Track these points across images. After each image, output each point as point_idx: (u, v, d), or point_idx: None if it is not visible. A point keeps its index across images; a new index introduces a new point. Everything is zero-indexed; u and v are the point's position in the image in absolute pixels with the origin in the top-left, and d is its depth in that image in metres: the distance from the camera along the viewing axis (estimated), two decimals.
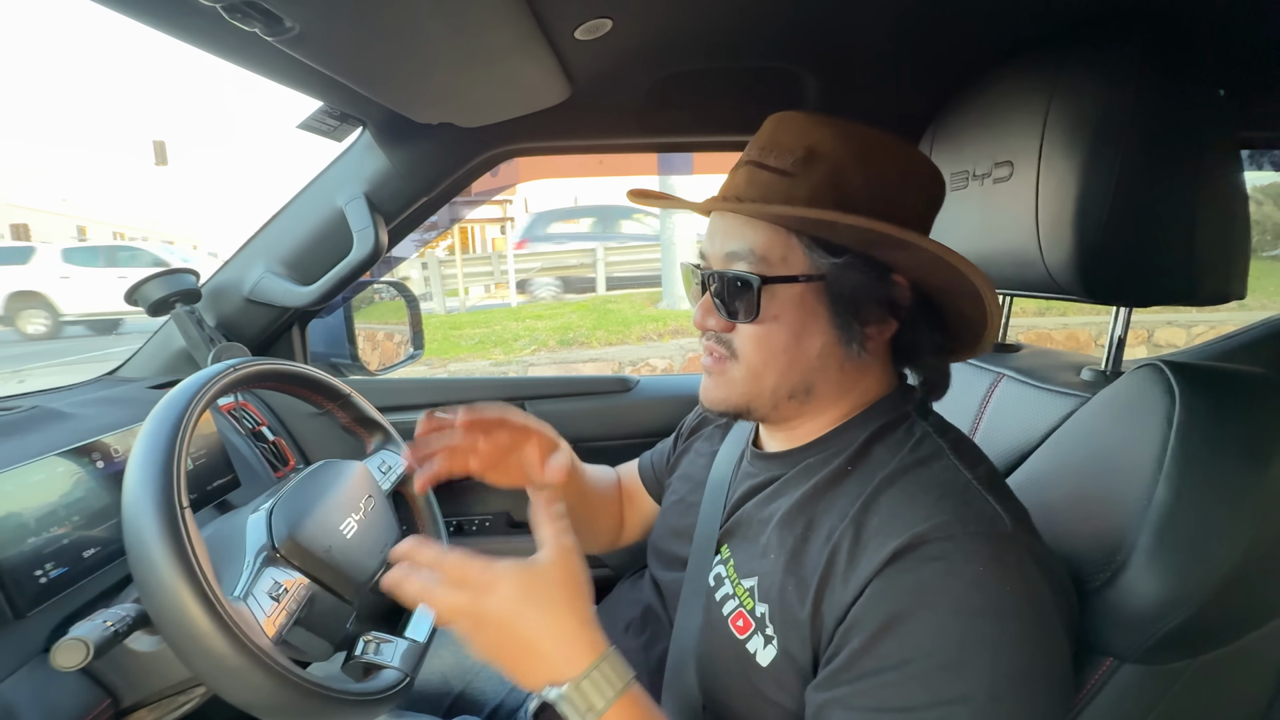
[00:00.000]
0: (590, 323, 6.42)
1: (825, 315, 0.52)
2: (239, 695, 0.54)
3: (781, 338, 0.53)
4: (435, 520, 0.94)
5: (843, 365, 0.54)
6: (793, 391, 0.55)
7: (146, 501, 0.53)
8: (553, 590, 0.48)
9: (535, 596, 0.47)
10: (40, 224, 28.90)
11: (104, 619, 0.56)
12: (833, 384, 0.55)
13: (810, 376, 0.54)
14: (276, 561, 0.64)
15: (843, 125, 0.51)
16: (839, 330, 0.52)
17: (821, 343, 0.53)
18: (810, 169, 0.50)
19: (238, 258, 1.15)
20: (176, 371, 1.14)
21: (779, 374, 0.54)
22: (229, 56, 0.70)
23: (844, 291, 0.51)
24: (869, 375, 0.57)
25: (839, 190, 0.50)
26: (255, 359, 0.73)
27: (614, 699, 0.46)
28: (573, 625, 0.48)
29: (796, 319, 0.52)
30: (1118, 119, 0.59)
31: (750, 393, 0.55)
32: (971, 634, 0.42)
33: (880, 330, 0.54)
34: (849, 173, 0.50)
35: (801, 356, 0.53)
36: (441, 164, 1.09)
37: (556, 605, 0.48)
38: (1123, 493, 0.50)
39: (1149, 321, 5.28)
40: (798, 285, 0.52)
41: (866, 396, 0.57)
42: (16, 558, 0.61)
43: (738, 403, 0.56)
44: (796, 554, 0.51)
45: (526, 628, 0.47)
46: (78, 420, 0.82)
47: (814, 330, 0.53)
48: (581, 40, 0.77)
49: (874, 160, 0.51)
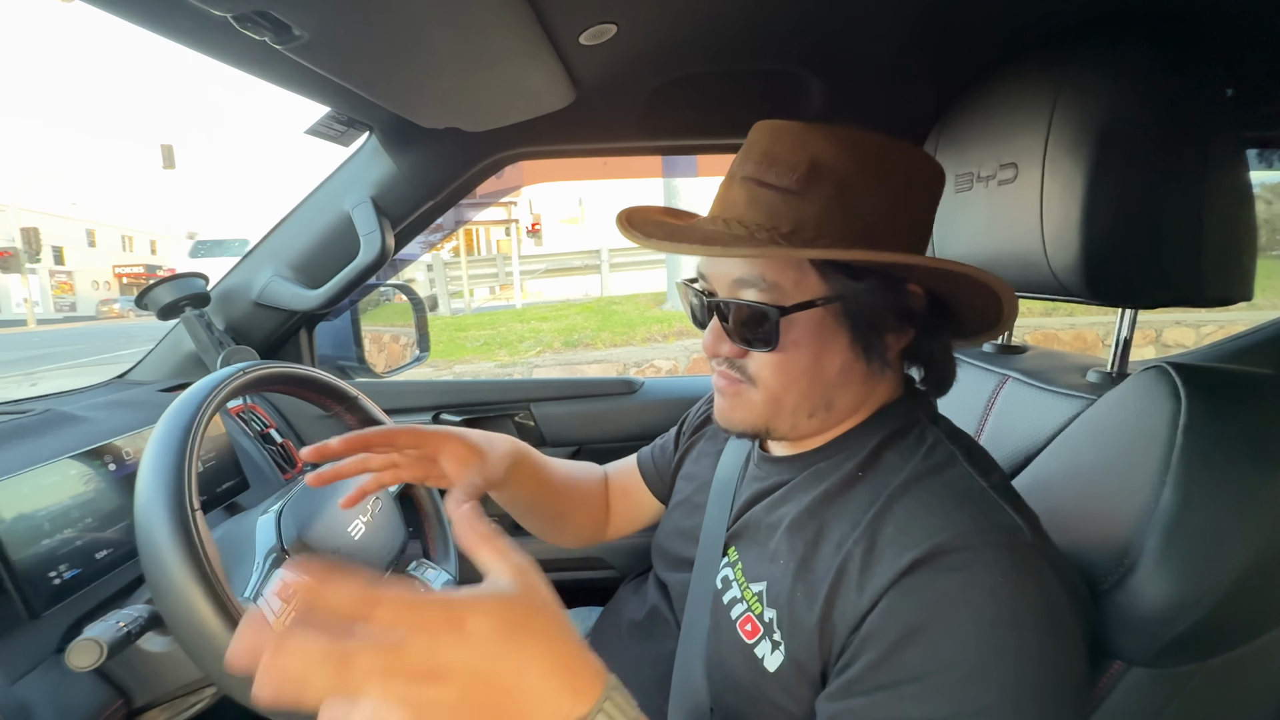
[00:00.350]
0: (595, 324, 6.44)
1: (844, 334, 0.51)
2: (248, 696, 0.54)
3: (801, 363, 0.52)
4: (441, 523, 0.94)
5: (865, 379, 0.54)
6: (813, 410, 0.54)
7: (158, 505, 0.54)
8: (535, 617, 0.34)
9: (518, 627, 0.33)
10: (50, 227, 29.15)
11: (117, 620, 0.57)
12: (853, 396, 0.55)
13: (830, 394, 0.54)
14: (286, 563, 0.64)
15: (841, 133, 0.49)
16: (859, 347, 0.51)
17: (841, 361, 0.52)
18: (815, 185, 0.48)
19: (246, 262, 1.16)
20: (186, 374, 1.16)
21: (799, 396, 0.53)
22: (239, 64, 0.71)
23: (862, 310, 0.50)
24: (885, 382, 0.57)
25: (849, 206, 0.48)
26: (264, 362, 0.73)
27: None
28: (570, 654, 0.35)
29: (816, 342, 0.51)
30: (1123, 119, 0.59)
31: (770, 415, 0.54)
32: (992, 645, 0.41)
33: (898, 339, 0.53)
34: (857, 186, 0.48)
35: (822, 377, 0.53)
36: (447, 168, 1.10)
37: (546, 633, 0.34)
38: (1130, 495, 0.50)
39: (1157, 321, 5.25)
40: (815, 310, 0.50)
41: (878, 401, 0.57)
42: (31, 559, 0.62)
43: (757, 424, 0.55)
44: (806, 560, 0.51)
45: (513, 672, 0.32)
46: (90, 423, 0.83)
47: (834, 350, 0.52)
48: (586, 45, 0.77)
49: (881, 169, 0.50)
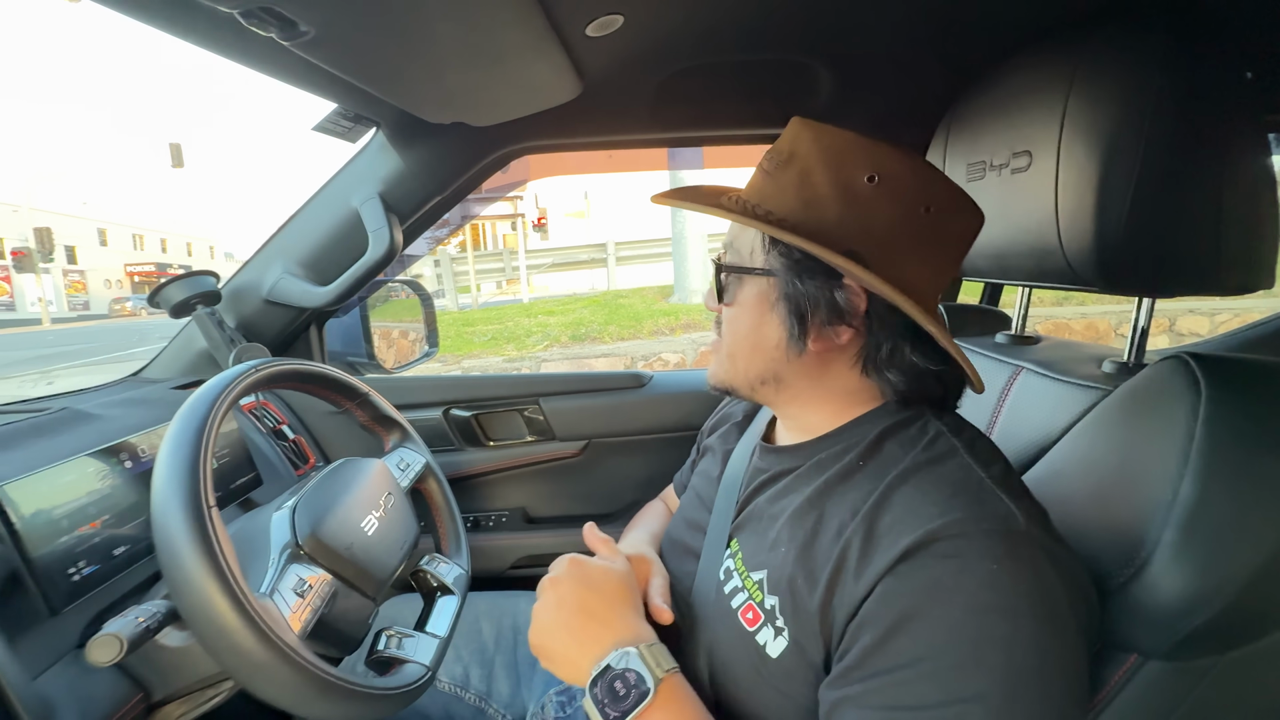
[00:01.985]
0: (602, 318, 6.43)
1: (774, 309, 0.55)
2: (266, 690, 0.55)
3: (745, 324, 0.57)
4: (453, 517, 0.95)
5: (800, 359, 0.55)
6: (762, 378, 0.58)
7: (174, 502, 0.54)
8: (611, 580, 0.59)
9: (598, 580, 0.59)
10: (62, 227, 29.45)
11: (136, 615, 0.58)
12: (800, 377, 0.57)
13: (773, 366, 0.57)
14: (300, 558, 0.65)
15: (823, 130, 0.53)
16: (787, 327, 0.54)
17: (775, 335, 0.55)
18: (785, 171, 0.53)
19: (256, 259, 1.17)
20: (199, 372, 1.17)
21: (745, 358, 0.58)
22: (245, 61, 0.71)
23: (790, 290, 0.54)
24: (838, 377, 0.56)
25: (804, 191, 0.52)
26: (276, 359, 0.74)
27: (674, 670, 0.51)
28: (636, 609, 0.58)
29: (755, 309, 0.56)
30: (1141, 104, 0.57)
31: (730, 371, 0.60)
32: (985, 632, 0.41)
33: (835, 333, 0.53)
34: (814, 174, 0.52)
35: (760, 344, 0.57)
36: (454, 163, 1.10)
37: (629, 589, 0.60)
38: (1146, 487, 0.50)
39: (1171, 310, 5.18)
40: (755, 277, 0.56)
41: (859, 396, 0.57)
42: (49, 556, 0.63)
43: (724, 379, 0.61)
44: (806, 547, 0.51)
45: (595, 595, 0.57)
46: (105, 421, 0.84)
47: (770, 322, 0.56)
48: (593, 37, 0.77)
49: (839, 163, 0.51)
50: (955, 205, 0.53)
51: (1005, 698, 0.40)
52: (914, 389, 0.54)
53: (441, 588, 0.84)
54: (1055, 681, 0.42)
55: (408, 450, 0.91)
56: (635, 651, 0.51)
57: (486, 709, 0.88)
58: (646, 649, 0.52)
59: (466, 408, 1.28)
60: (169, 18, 0.61)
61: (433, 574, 0.84)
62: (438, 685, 0.90)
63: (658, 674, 0.50)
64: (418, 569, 0.84)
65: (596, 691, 0.51)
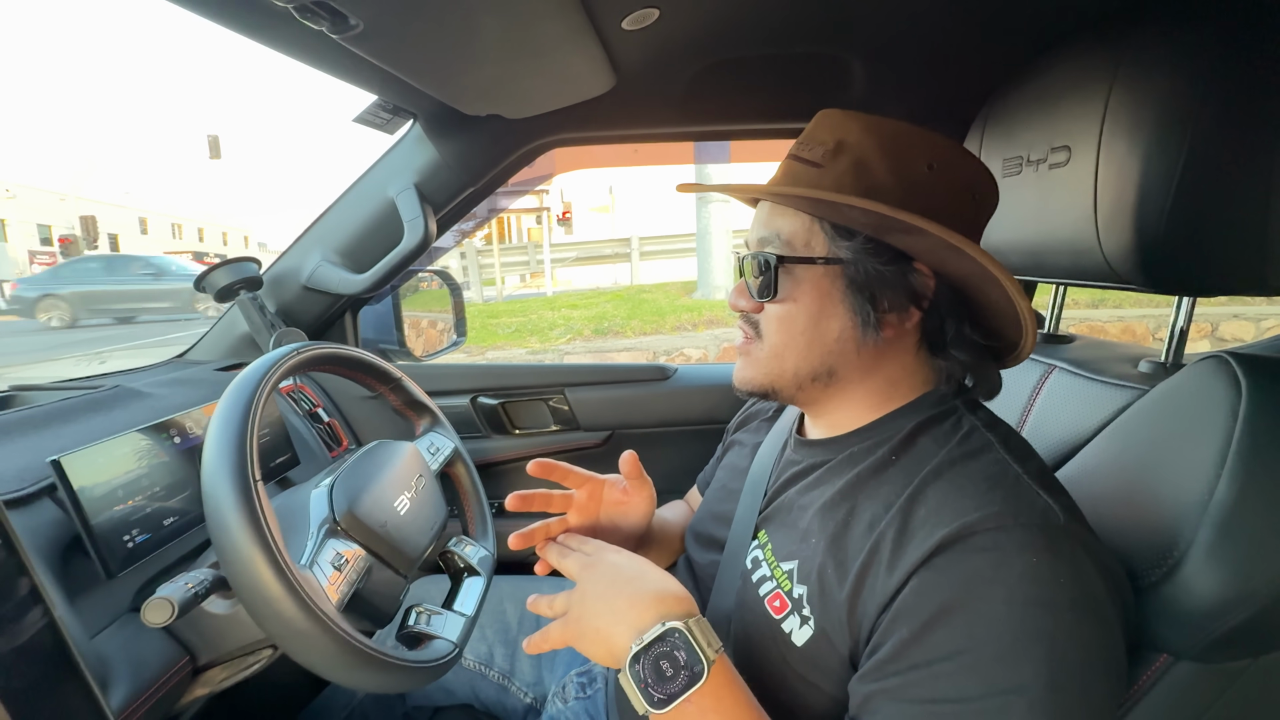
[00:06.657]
0: (625, 312, 6.45)
1: (842, 299, 0.54)
2: (306, 656, 0.57)
3: (801, 319, 0.55)
4: (480, 501, 0.97)
5: (860, 350, 0.55)
6: (815, 374, 0.56)
7: (224, 475, 0.57)
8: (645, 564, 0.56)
9: (639, 561, 0.56)
10: (106, 216, 30.43)
11: (185, 581, 0.60)
12: (855, 369, 0.56)
13: (830, 360, 0.55)
14: (337, 533, 0.67)
15: (873, 120, 0.53)
16: (855, 314, 0.53)
17: (839, 326, 0.54)
18: (837, 160, 0.53)
19: (295, 247, 1.20)
20: (240, 355, 1.21)
21: (799, 355, 0.56)
22: (293, 53, 0.73)
23: (860, 276, 0.53)
24: (894, 364, 0.57)
25: (863, 180, 0.51)
26: (316, 343, 0.76)
27: (722, 649, 0.48)
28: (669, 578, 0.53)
29: (814, 301, 0.54)
30: (1186, 98, 0.56)
31: (773, 372, 0.57)
32: (1026, 625, 0.41)
33: (901, 318, 0.54)
34: (873, 163, 0.52)
35: (820, 339, 0.55)
36: (488, 155, 1.12)
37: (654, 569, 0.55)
38: (1181, 486, 0.49)
39: (1213, 315, 5.00)
40: (816, 268, 0.54)
41: (901, 388, 0.57)
42: (107, 523, 0.66)
43: (763, 382, 0.58)
44: (837, 539, 0.51)
45: (633, 568, 0.54)
46: (155, 399, 0.88)
47: (831, 313, 0.54)
48: (628, 30, 0.78)
49: (899, 152, 0.52)
50: (992, 191, 0.56)
51: (1046, 689, 0.40)
52: (980, 378, 0.56)
53: (468, 569, 0.86)
54: (1096, 674, 0.42)
55: (438, 435, 0.94)
56: (683, 629, 0.47)
57: (509, 687, 0.90)
58: (695, 625, 0.48)
59: (493, 396, 1.30)
60: (224, 11, 0.64)
61: (460, 555, 0.86)
62: (463, 663, 0.92)
63: (710, 655, 0.46)
64: (446, 550, 0.86)
65: (639, 669, 0.47)
